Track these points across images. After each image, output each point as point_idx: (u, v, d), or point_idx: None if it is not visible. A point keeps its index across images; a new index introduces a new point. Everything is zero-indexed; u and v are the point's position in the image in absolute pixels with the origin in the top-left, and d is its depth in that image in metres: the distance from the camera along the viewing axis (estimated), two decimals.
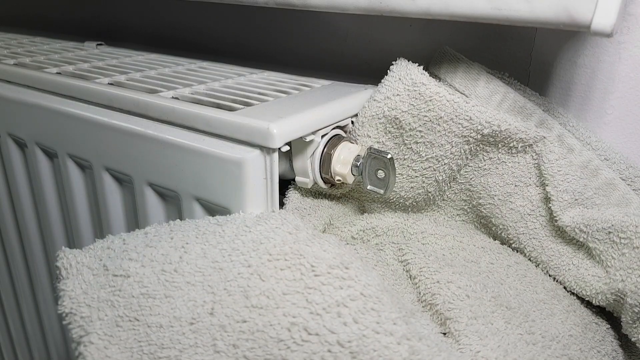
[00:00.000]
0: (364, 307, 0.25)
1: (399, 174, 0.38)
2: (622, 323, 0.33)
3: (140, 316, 0.26)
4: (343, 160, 0.36)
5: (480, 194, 0.38)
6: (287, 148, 0.33)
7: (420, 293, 0.31)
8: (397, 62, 0.37)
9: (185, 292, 0.27)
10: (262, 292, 0.26)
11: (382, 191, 0.35)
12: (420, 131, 0.36)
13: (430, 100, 0.35)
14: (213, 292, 0.26)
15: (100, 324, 0.26)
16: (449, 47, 0.40)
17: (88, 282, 0.28)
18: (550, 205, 0.35)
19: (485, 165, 0.37)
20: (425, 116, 0.36)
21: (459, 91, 0.38)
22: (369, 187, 0.35)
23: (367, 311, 0.25)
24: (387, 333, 0.24)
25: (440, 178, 0.38)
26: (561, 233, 0.36)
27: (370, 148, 0.35)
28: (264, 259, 0.27)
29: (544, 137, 0.35)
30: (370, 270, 0.28)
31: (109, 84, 0.42)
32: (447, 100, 0.35)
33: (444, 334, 0.28)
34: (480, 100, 0.38)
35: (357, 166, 0.36)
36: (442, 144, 0.36)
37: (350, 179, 0.36)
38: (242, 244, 0.28)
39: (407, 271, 0.33)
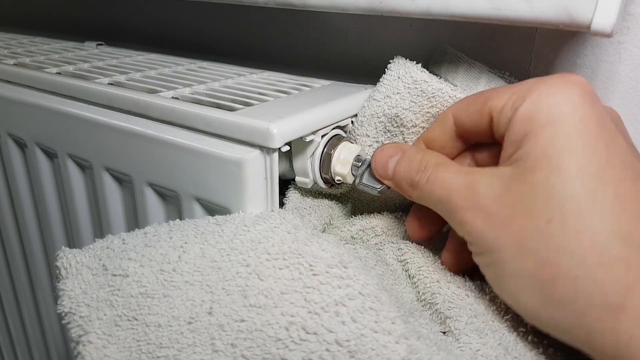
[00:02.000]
0: (363, 306, 0.25)
1: None
2: None
3: (139, 315, 0.26)
4: (343, 160, 0.36)
5: None
6: (287, 148, 0.33)
7: (419, 292, 0.31)
8: (394, 60, 0.37)
9: (183, 291, 0.27)
10: (260, 291, 0.26)
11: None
12: (422, 127, 0.36)
13: (432, 97, 0.35)
14: (211, 291, 0.26)
15: (99, 323, 0.26)
16: (449, 46, 0.40)
17: (87, 282, 0.28)
18: None
19: None
20: (428, 112, 0.36)
21: None
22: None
23: (366, 310, 0.25)
24: (386, 332, 0.24)
25: None
26: None
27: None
28: (262, 258, 0.27)
29: None
30: (369, 270, 0.28)
31: (109, 84, 0.42)
32: (450, 97, 0.35)
33: (444, 332, 0.28)
34: None
35: (357, 166, 0.36)
36: None
37: (350, 179, 0.36)
38: (241, 244, 0.28)
39: (406, 270, 0.33)
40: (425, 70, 0.36)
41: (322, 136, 0.36)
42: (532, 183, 0.24)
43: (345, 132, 0.39)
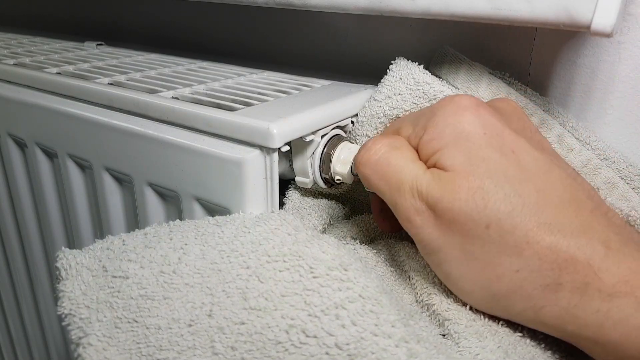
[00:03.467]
0: (363, 309, 0.25)
1: None
2: None
3: (139, 318, 0.26)
4: (343, 160, 0.36)
5: None
6: (287, 148, 0.33)
7: (417, 293, 0.31)
8: (396, 61, 0.37)
9: (183, 293, 0.27)
10: (260, 294, 0.26)
11: None
12: None
13: (434, 99, 0.35)
14: (212, 293, 0.26)
15: (99, 325, 0.26)
16: (450, 47, 0.40)
17: (87, 284, 0.28)
18: None
19: None
20: None
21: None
22: None
23: (366, 313, 0.24)
24: (386, 335, 0.24)
25: None
26: None
27: None
28: (262, 260, 0.27)
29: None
30: (369, 272, 0.28)
31: (109, 84, 0.42)
32: None
33: (443, 335, 0.28)
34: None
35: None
36: None
37: (350, 179, 0.36)
38: (241, 245, 0.28)
39: (405, 271, 0.33)
40: (427, 72, 0.36)
41: (322, 136, 0.36)
42: (467, 189, 0.26)
43: (346, 132, 0.39)
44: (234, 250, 0.28)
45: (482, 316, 0.28)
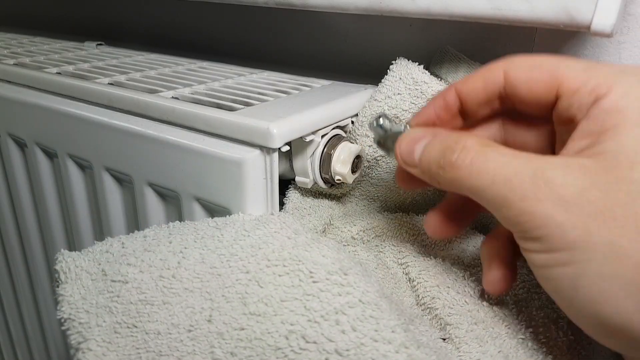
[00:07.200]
0: (363, 315, 0.24)
1: None
2: None
3: (139, 323, 0.26)
4: (343, 160, 0.36)
5: None
6: (287, 148, 0.33)
7: (418, 296, 0.31)
8: (397, 61, 0.37)
9: (183, 298, 0.27)
10: (260, 299, 0.26)
11: None
12: None
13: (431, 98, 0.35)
14: (211, 298, 0.26)
15: (99, 330, 0.26)
16: (450, 47, 0.40)
17: (87, 288, 0.28)
18: None
19: None
20: None
21: None
22: None
23: (366, 319, 0.24)
24: (386, 341, 0.24)
25: None
26: None
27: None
28: (262, 264, 0.27)
29: None
30: (369, 276, 0.27)
31: (109, 84, 0.42)
32: None
33: (444, 339, 0.28)
34: None
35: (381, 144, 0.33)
36: None
37: (350, 179, 0.36)
38: (241, 249, 0.28)
39: (406, 274, 0.33)
40: (426, 72, 0.36)
41: (322, 136, 0.36)
42: (630, 180, 0.22)
43: (345, 132, 0.39)
44: (233, 254, 0.28)
45: (483, 320, 0.28)
